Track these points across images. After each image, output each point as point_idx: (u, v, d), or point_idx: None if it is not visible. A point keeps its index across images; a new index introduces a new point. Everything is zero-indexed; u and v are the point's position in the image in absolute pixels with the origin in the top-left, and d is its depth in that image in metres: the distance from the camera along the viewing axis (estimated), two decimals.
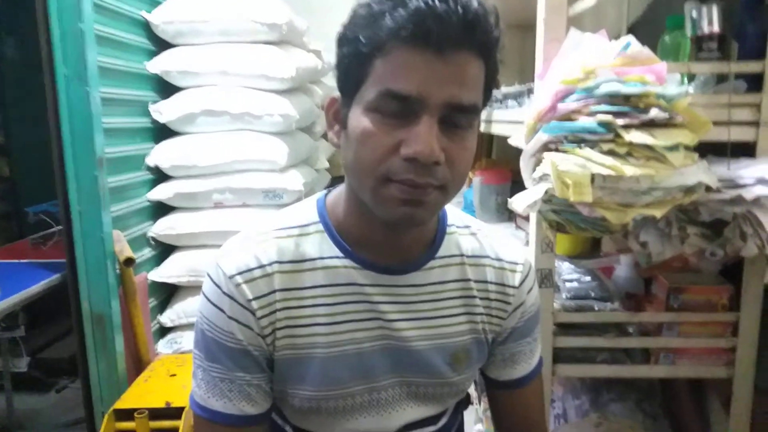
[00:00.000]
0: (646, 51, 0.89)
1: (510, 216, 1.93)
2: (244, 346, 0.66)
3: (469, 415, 1.82)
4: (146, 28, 2.17)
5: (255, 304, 0.65)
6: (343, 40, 0.61)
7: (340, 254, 0.68)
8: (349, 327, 0.68)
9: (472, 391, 1.84)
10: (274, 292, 0.66)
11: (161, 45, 2.21)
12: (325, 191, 0.74)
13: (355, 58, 0.59)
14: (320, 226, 0.70)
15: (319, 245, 0.69)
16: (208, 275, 0.67)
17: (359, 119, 0.59)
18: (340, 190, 0.71)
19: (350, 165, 0.62)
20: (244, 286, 0.65)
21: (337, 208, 0.70)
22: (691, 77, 1.04)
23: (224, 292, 0.65)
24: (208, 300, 0.67)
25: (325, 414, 0.70)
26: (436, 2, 0.54)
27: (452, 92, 0.57)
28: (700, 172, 0.87)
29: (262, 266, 0.66)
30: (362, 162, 0.60)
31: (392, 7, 0.56)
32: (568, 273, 1.23)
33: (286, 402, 0.71)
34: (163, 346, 2.21)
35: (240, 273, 0.65)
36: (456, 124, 0.59)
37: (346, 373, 0.68)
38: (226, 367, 0.66)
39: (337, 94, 0.66)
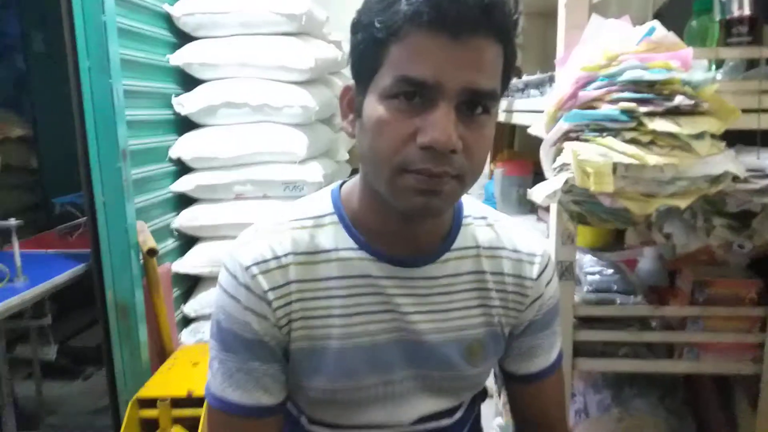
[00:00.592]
0: (671, 36, 0.86)
1: (532, 208, 1.90)
2: (260, 336, 0.66)
3: (489, 408, 1.81)
4: (168, 20, 2.19)
5: (271, 295, 0.65)
6: (357, 26, 0.60)
7: (355, 246, 0.68)
8: (363, 319, 0.68)
9: (491, 383, 1.83)
10: (289, 283, 0.66)
11: (183, 37, 2.23)
12: (340, 182, 0.74)
13: (370, 44, 0.58)
14: (335, 218, 0.69)
15: (334, 237, 0.68)
16: (224, 266, 0.68)
17: (374, 107, 0.58)
18: (355, 180, 0.71)
19: (366, 155, 0.61)
20: (260, 277, 0.65)
21: (352, 199, 0.70)
22: (720, 63, 1.01)
23: (240, 283, 0.65)
24: (224, 291, 0.67)
25: (340, 405, 0.70)
26: None
27: (470, 77, 0.56)
28: (727, 161, 0.84)
29: (277, 257, 0.66)
30: (378, 151, 0.59)
31: None
32: (590, 265, 1.20)
33: (301, 393, 0.71)
34: (186, 335, 2.25)
35: (256, 264, 0.65)
36: (474, 111, 0.58)
37: (360, 366, 0.68)
38: (242, 357, 0.66)
39: (351, 82, 0.65)
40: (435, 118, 0.56)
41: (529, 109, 1.38)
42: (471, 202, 0.76)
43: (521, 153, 2.19)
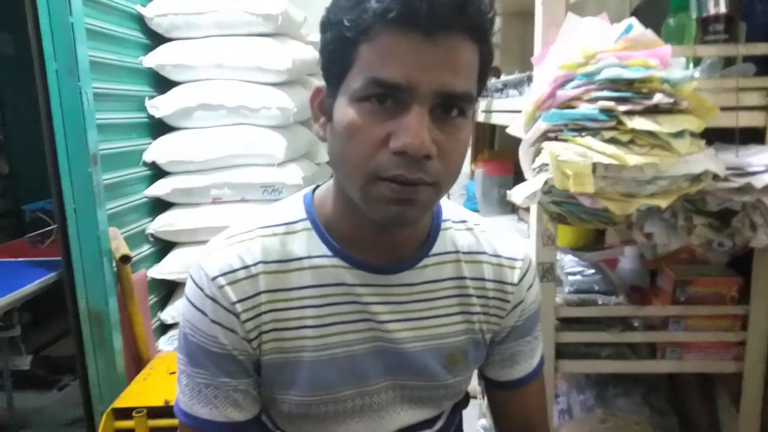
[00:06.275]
0: (649, 33, 0.85)
1: (513, 208, 1.90)
2: (229, 350, 0.63)
3: (474, 409, 1.79)
4: (140, 21, 2.14)
5: (239, 307, 0.62)
6: (326, 25, 0.57)
7: (329, 253, 0.65)
8: (338, 329, 0.65)
9: (475, 384, 1.81)
10: (259, 293, 0.63)
11: (156, 39, 2.18)
12: (312, 186, 0.71)
13: (339, 43, 0.55)
14: (308, 224, 0.66)
15: (306, 244, 0.65)
16: (191, 277, 0.64)
17: (345, 111, 0.56)
18: (329, 185, 0.68)
19: (337, 161, 0.59)
20: (228, 288, 0.62)
21: (326, 204, 0.67)
22: (697, 61, 1.00)
23: (207, 295, 0.62)
24: (191, 303, 0.64)
25: (315, 419, 0.67)
26: None
27: (444, 79, 0.53)
28: (707, 160, 0.83)
29: (246, 267, 0.63)
30: (350, 158, 0.56)
31: None
32: (570, 266, 1.19)
33: (274, 407, 0.68)
34: (164, 343, 2.20)
35: (223, 274, 0.62)
36: (449, 113, 0.55)
37: (336, 377, 0.65)
38: (210, 372, 0.64)
39: (322, 83, 0.62)
40: (408, 122, 0.53)
41: (508, 109, 1.36)
42: (450, 206, 0.74)
43: (502, 153, 2.18)
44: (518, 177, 1.63)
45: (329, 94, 0.59)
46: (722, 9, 0.94)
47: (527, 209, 1.50)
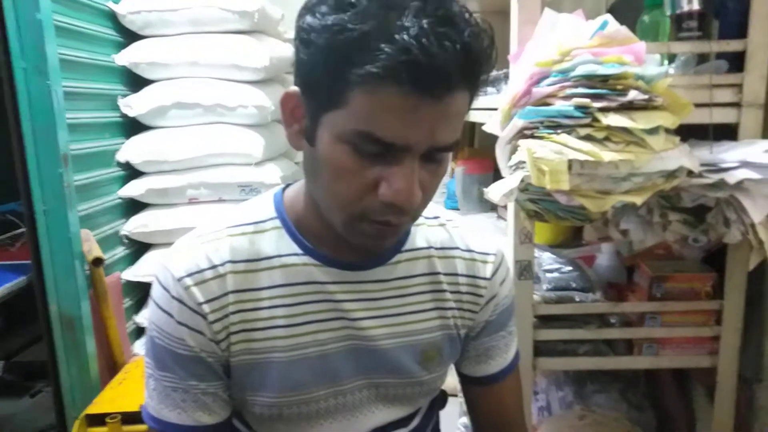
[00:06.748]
0: (623, 30, 0.85)
1: (492, 206, 1.90)
2: (197, 352, 0.61)
3: (454, 407, 1.79)
4: (113, 19, 2.09)
5: (206, 308, 0.60)
6: (308, 42, 0.52)
7: (299, 251, 0.64)
8: (310, 328, 0.64)
9: (457, 383, 1.80)
10: (227, 294, 0.61)
11: (129, 36, 2.13)
12: (283, 185, 0.70)
13: (328, 72, 0.51)
14: (277, 222, 0.65)
15: (276, 242, 0.64)
16: (156, 278, 0.63)
17: (332, 147, 0.53)
18: (300, 185, 0.67)
19: (320, 191, 0.58)
20: (194, 289, 0.60)
21: (296, 203, 0.65)
22: (671, 58, 1.01)
23: (173, 296, 0.60)
24: (157, 305, 0.62)
25: (288, 421, 0.66)
26: (432, 42, 0.47)
27: (438, 137, 0.52)
28: (682, 156, 0.83)
29: (213, 267, 0.61)
30: (335, 196, 0.55)
31: (375, 34, 0.47)
32: (548, 263, 1.19)
33: (246, 409, 0.67)
34: (140, 346, 2.16)
35: (190, 275, 0.61)
36: (435, 157, 0.55)
37: (308, 377, 0.64)
38: (178, 376, 0.62)
39: (293, 88, 0.57)
40: (399, 175, 0.52)
41: (486, 106, 1.36)
42: None
43: (482, 151, 2.18)
44: (498, 175, 1.63)
45: (308, 111, 0.56)
46: (695, 6, 0.95)
47: (506, 207, 1.50)
